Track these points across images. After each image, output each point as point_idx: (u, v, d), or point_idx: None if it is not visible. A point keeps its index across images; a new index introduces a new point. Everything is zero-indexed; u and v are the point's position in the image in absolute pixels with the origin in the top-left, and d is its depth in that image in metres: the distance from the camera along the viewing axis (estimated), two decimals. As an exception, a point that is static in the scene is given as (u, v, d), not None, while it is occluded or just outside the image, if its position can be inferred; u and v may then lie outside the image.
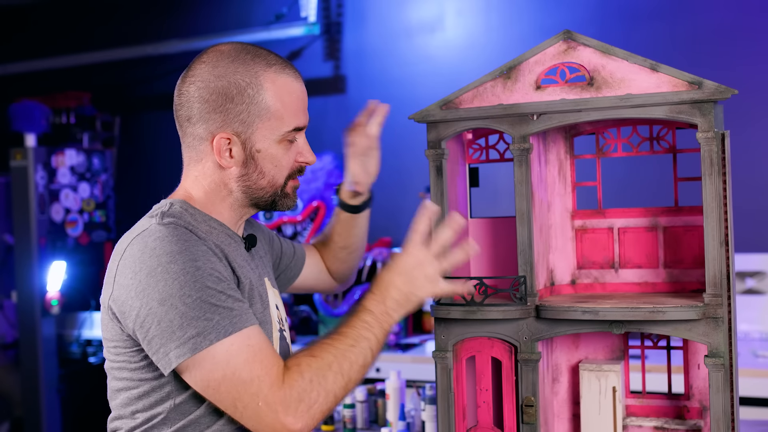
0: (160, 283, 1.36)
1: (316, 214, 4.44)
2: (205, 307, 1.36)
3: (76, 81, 5.28)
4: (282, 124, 1.52)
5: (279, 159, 1.54)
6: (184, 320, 1.35)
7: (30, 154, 4.43)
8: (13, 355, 4.76)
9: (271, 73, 1.52)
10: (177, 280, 1.36)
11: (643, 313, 1.57)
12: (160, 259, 1.38)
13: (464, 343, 1.72)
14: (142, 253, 1.40)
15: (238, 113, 1.49)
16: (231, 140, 1.50)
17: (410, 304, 1.53)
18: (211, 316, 1.36)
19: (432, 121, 1.73)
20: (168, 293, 1.36)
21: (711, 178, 1.56)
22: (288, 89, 1.53)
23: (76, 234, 4.66)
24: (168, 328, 1.36)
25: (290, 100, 1.53)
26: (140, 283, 1.38)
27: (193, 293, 1.36)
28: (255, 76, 1.50)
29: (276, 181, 1.55)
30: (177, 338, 1.35)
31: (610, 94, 1.61)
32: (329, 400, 1.40)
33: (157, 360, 1.39)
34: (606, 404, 1.74)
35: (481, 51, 4.36)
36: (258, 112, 1.50)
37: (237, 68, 1.50)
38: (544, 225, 1.80)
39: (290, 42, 4.77)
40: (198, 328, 1.35)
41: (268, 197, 1.56)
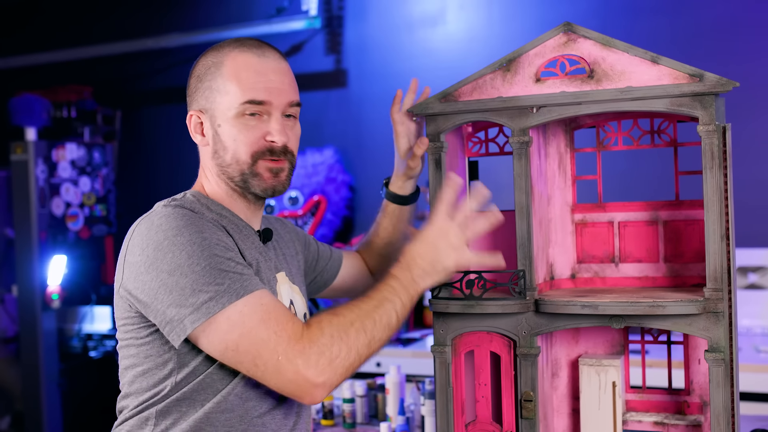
0: (168, 255, 1.40)
1: (317, 209, 4.44)
2: (214, 273, 1.39)
3: (77, 74, 5.28)
4: (236, 98, 1.53)
5: (237, 133, 1.54)
6: (195, 287, 1.38)
7: (30, 147, 4.42)
8: (13, 349, 4.76)
9: (235, 51, 1.57)
10: (184, 251, 1.40)
11: (643, 307, 1.56)
12: (166, 233, 1.42)
13: (463, 337, 1.71)
14: (148, 230, 1.44)
15: (204, 90, 1.57)
16: (200, 117, 1.58)
17: (437, 273, 1.55)
18: (221, 281, 1.39)
19: (431, 113, 1.72)
20: (177, 263, 1.39)
21: (712, 171, 1.54)
22: (246, 64, 1.55)
23: (76, 228, 4.65)
24: (180, 296, 1.39)
25: (247, 75, 1.54)
26: (148, 258, 1.42)
27: (201, 261, 1.39)
28: (222, 56, 1.57)
29: (238, 156, 1.55)
30: (190, 305, 1.38)
31: (611, 86, 1.59)
32: (351, 356, 1.42)
33: (171, 330, 1.41)
34: (606, 399, 1.73)
35: (482, 44, 4.35)
36: (218, 88, 1.55)
37: (213, 51, 1.59)
38: (544, 219, 1.79)
39: (291, 36, 4.76)
40: (210, 293, 1.38)
41: (237, 175, 1.56)
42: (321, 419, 2.69)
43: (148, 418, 1.50)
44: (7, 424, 4.73)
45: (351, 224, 4.65)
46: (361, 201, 4.65)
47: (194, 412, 1.48)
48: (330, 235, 4.49)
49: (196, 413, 1.48)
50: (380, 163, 4.63)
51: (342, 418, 2.66)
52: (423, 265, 1.54)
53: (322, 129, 4.67)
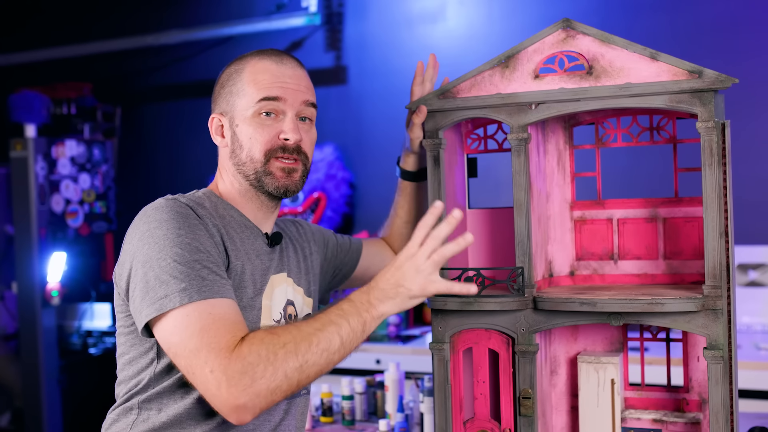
0: (145, 246, 1.45)
1: (317, 206, 4.43)
2: (176, 272, 1.42)
3: (76, 71, 5.27)
4: (251, 98, 1.61)
5: (253, 132, 1.61)
6: (157, 282, 1.42)
7: (30, 144, 4.41)
8: (13, 346, 4.76)
9: (256, 59, 1.65)
10: (158, 244, 1.44)
11: (642, 304, 1.56)
12: (150, 224, 1.48)
13: (461, 334, 1.71)
14: (140, 220, 1.51)
15: (225, 95, 1.65)
16: (221, 120, 1.66)
17: (400, 297, 1.49)
18: (179, 282, 1.41)
19: (429, 110, 1.71)
20: (149, 256, 1.44)
21: (711, 168, 1.54)
22: (265, 69, 1.63)
23: (76, 225, 4.65)
24: (144, 287, 1.43)
25: (264, 77, 1.62)
26: (132, 246, 1.48)
27: (168, 257, 1.43)
28: (244, 63, 1.66)
29: (253, 154, 1.61)
30: (149, 298, 1.42)
31: (610, 83, 1.59)
32: (277, 378, 1.37)
33: (135, 319, 1.47)
34: (604, 397, 1.73)
35: (482, 41, 4.34)
36: (237, 91, 1.63)
37: (236, 61, 1.69)
38: (543, 216, 1.78)
39: (291, 32, 4.75)
40: (167, 290, 1.41)
41: (251, 173, 1.63)
42: (320, 416, 2.68)
43: (132, 407, 1.55)
44: (7, 420, 4.73)
45: (351, 221, 4.64)
46: (360, 198, 4.65)
47: (174, 405, 1.51)
48: (330, 232, 4.48)
49: (177, 406, 1.51)
50: (380, 160, 4.64)
51: (341, 414, 2.65)
52: (385, 288, 1.49)
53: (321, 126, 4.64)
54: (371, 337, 3.97)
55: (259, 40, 4.77)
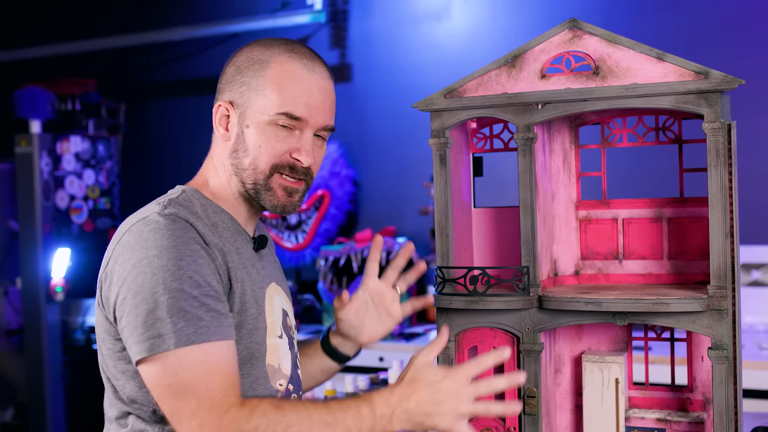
0: (140, 276, 1.34)
1: (321, 203, 4.44)
2: (173, 311, 1.32)
3: (81, 67, 5.28)
4: (274, 105, 1.47)
5: (264, 141, 1.47)
6: (149, 318, 1.32)
7: (35, 140, 4.42)
8: (17, 341, 4.77)
9: (285, 56, 1.49)
10: (155, 276, 1.33)
11: (647, 304, 1.56)
12: (148, 251, 1.35)
13: (466, 333, 1.72)
14: (135, 242, 1.38)
15: (241, 84, 1.49)
16: (228, 110, 1.50)
17: (420, 426, 1.37)
18: (176, 321, 1.32)
19: (436, 109, 1.72)
20: (143, 287, 1.33)
21: (716, 168, 1.54)
22: (295, 75, 1.48)
23: (80, 221, 4.66)
24: (134, 321, 1.34)
25: (292, 86, 1.48)
26: (124, 271, 1.37)
27: (166, 293, 1.32)
28: (269, 55, 1.50)
29: (258, 164, 1.48)
30: (139, 334, 1.33)
31: (616, 83, 1.59)
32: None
33: (127, 349, 1.38)
34: (608, 396, 1.74)
35: (487, 40, 4.34)
36: (256, 86, 1.48)
37: (261, 45, 1.52)
38: (548, 215, 1.79)
39: (296, 30, 4.75)
40: (160, 330, 1.32)
41: (250, 183, 1.50)
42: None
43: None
44: (10, 415, 4.74)
45: (355, 219, 4.65)
46: (364, 196, 4.65)
47: None
48: (334, 230, 4.49)
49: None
50: (384, 158, 4.65)
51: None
52: (411, 410, 1.36)
53: (326, 123, 4.67)
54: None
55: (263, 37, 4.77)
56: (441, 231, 1.72)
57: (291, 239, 4.49)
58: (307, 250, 4.48)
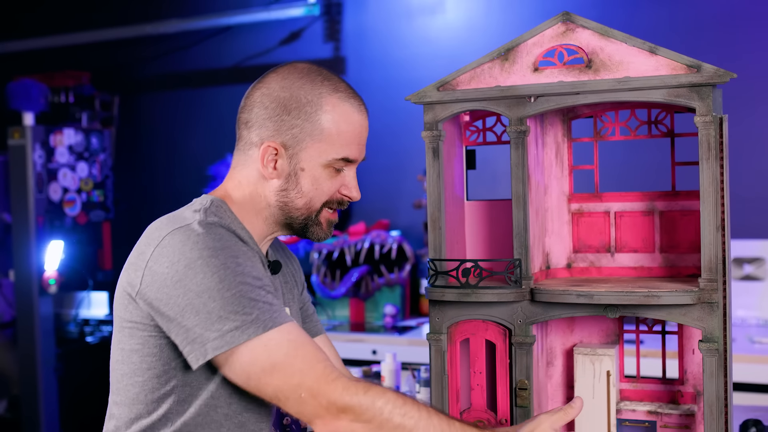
0: (199, 275, 1.36)
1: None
2: (244, 302, 1.36)
3: (75, 60, 5.26)
4: (332, 150, 1.52)
5: (321, 183, 1.53)
6: (222, 313, 1.35)
7: (28, 132, 4.41)
8: (10, 334, 4.76)
9: (335, 98, 1.52)
10: (216, 274, 1.36)
11: (638, 297, 1.57)
12: (201, 252, 1.38)
13: (459, 325, 1.72)
14: (183, 245, 1.39)
15: (292, 126, 1.51)
16: (278, 151, 1.52)
17: None
18: (250, 311, 1.36)
19: (429, 102, 1.72)
20: (207, 286, 1.36)
21: (708, 162, 1.55)
22: (348, 118, 1.53)
23: (74, 213, 4.65)
24: (206, 320, 1.36)
25: (347, 129, 1.53)
26: (177, 273, 1.38)
27: (232, 287, 1.36)
28: (318, 96, 1.51)
29: (313, 204, 1.54)
30: (216, 330, 1.35)
31: (609, 76, 1.60)
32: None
33: (191, 351, 1.38)
34: (600, 388, 1.74)
35: (481, 33, 4.34)
36: (311, 131, 1.51)
37: (303, 84, 1.52)
38: (541, 208, 1.79)
39: (290, 23, 4.75)
40: (237, 322, 1.35)
41: (302, 220, 1.55)
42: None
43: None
44: (3, 408, 4.74)
45: (348, 212, 4.65)
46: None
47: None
48: (327, 223, 4.49)
49: None
50: (378, 151, 4.64)
51: None
52: None
53: (320, 116, 4.66)
54: (368, 328, 3.98)
55: (257, 30, 4.77)
56: (434, 224, 1.72)
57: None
58: (301, 243, 4.48)
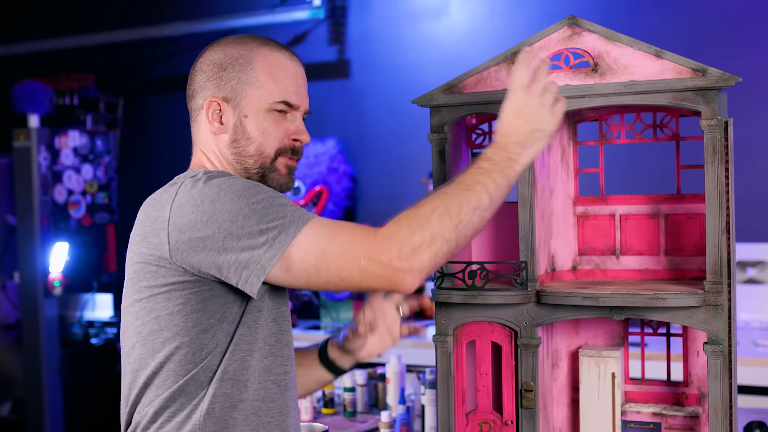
0: (227, 204, 1.41)
1: (319, 199, 4.45)
2: (275, 209, 1.42)
3: (79, 62, 5.28)
4: (270, 95, 1.58)
5: (266, 127, 1.58)
6: (261, 226, 1.40)
7: (33, 134, 4.42)
8: (15, 335, 4.77)
9: (265, 49, 1.61)
10: (242, 196, 1.42)
11: (643, 299, 1.57)
12: (220, 185, 1.44)
13: (464, 327, 1.73)
14: (201, 189, 1.44)
15: (229, 80, 1.58)
16: (221, 105, 1.59)
17: (537, 143, 1.50)
18: (284, 214, 1.41)
19: (435, 105, 1.73)
20: (238, 208, 1.41)
21: (713, 165, 1.56)
22: (280, 64, 1.60)
23: (78, 216, 4.66)
24: (249, 239, 1.40)
25: (281, 76, 1.59)
26: (205, 212, 1.42)
27: (260, 201, 1.42)
28: (249, 50, 1.60)
29: (263, 149, 1.59)
30: (262, 243, 1.40)
31: (614, 80, 1.61)
32: (437, 242, 1.39)
33: (247, 276, 1.41)
34: (605, 390, 1.75)
35: (486, 37, 4.35)
36: (247, 80, 1.58)
37: (234, 43, 1.61)
38: (546, 211, 1.80)
39: (295, 26, 4.76)
40: (277, 228, 1.40)
41: (257, 167, 1.59)
42: (322, 407, 2.71)
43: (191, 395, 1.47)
44: (8, 410, 4.75)
45: (352, 214, 4.66)
46: (362, 192, 4.66)
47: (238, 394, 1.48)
48: (331, 226, 4.50)
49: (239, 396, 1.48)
50: (382, 154, 4.65)
51: (342, 406, 2.67)
52: (520, 140, 1.48)
53: (324, 119, 4.68)
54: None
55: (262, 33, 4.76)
56: (440, 226, 1.72)
57: (289, 235, 4.50)
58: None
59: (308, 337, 3.86)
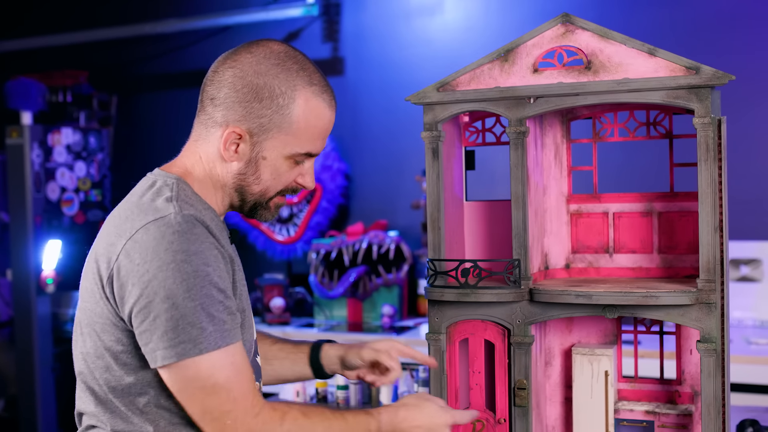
0: (169, 280, 1.35)
1: (312, 197, 4.44)
2: (202, 316, 1.35)
3: (73, 59, 5.26)
4: (297, 144, 1.50)
5: (280, 174, 1.52)
6: (179, 323, 1.35)
7: (26, 132, 4.41)
8: (7, 333, 4.76)
9: (309, 92, 1.49)
10: (186, 282, 1.35)
11: (637, 297, 1.57)
12: (175, 255, 1.36)
13: (458, 325, 1.73)
14: (157, 244, 1.37)
15: (260, 116, 1.47)
16: (242, 137, 1.49)
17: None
18: (206, 326, 1.35)
19: (428, 103, 1.72)
20: (174, 292, 1.35)
21: (706, 163, 1.56)
22: (318, 113, 1.51)
23: (71, 213, 4.65)
24: (163, 325, 1.35)
25: (316, 125, 1.51)
26: (147, 273, 1.36)
27: (197, 297, 1.35)
28: (292, 89, 1.48)
29: (268, 192, 1.53)
30: (168, 339, 1.35)
31: (608, 78, 1.60)
32: None
33: (146, 352, 1.39)
34: (598, 388, 1.75)
35: (480, 34, 4.35)
36: (280, 123, 1.48)
37: (279, 73, 1.48)
38: (539, 209, 1.80)
39: (288, 23, 4.75)
40: (191, 335, 1.35)
41: (252, 203, 1.54)
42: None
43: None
44: (1, 407, 4.74)
45: (346, 212, 4.65)
46: (356, 189, 4.66)
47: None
48: (325, 223, 4.50)
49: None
50: (376, 152, 4.65)
51: (336, 404, 2.67)
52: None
53: (318, 117, 4.67)
54: (365, 328, 3.98)
55: (256, 30, 4.77)
56: (433, 224, 1.73)
57: (282, 232, 4.50)
58: (299, 243, 4.48)
59: (302, 335, 3.85)
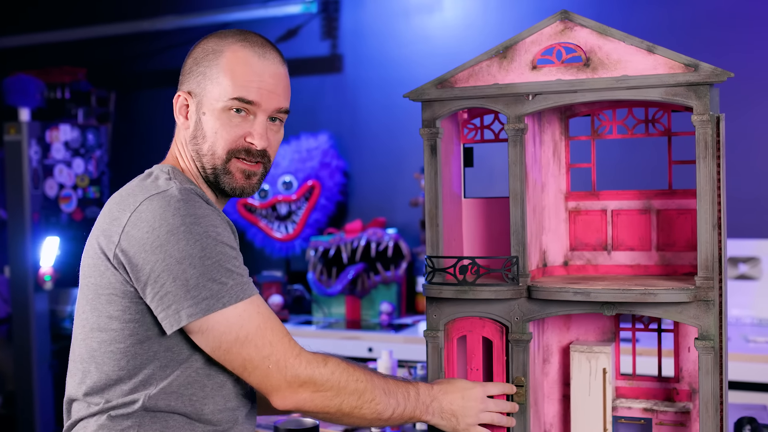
0: (182, 242, 1.38)
1: (311, 194, 4.44)
2: (221, 271, 1.40)
3: (71, 56, 5.25)
4: (227, 92, 1.52)
5: (219, 127, 1.53)
6: (200, 280, 1.38)
7: (24, 128, 4.40)
8: (5, 330, 4.76)
9: (238, 45, 1.55)
10: (199, 242, 1.39)
11: (635, 294, 1.57)
12: (183, 219, 1.40)
13: (456, 322, 1.72)
14: (164, 211, 1.41)
15: (197, 74, 1.56)
16: (187, 99, 1.57)
17: (446, 422, 1.61)
18: (226, 280, 1.40)
19: (427, 99, 1.72)
20: (188, 253, 1.38)
21: (705, 161, 1.55)
22: (246, 61, 1.54)
23: (69, 210, 4.64)
24: (183, 286, 1.38)
25: (242, 71, 1.53)
26: (158, 239, 1.39)
27: (212, 256, 1.39)
28: (222, 45, 1.56)
29: (215, 149, 1.54)
30: (191, 297, 1.38)
31: (606, 75, 1.60)
32: (333, 404, 1.48)
33: (165, 317, 1.40)
34: (596, 386, 1.75)
35: (479, 31, 4.34)
36: (211, 75, 1.54)
37: (218, 36, 1.59)
38: (538, 206, 1.80)
39: (287, 20, 4.74)
40: (213, 291, 1.39)
41: (210, 167, 1.55)
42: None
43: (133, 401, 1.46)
44: (-2, 404, 4.74)
45: (345, 209, 4.65)
46: (354, 187, 4.65)
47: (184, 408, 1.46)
48: (323, 220, 4.49)
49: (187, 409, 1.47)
50: (375, 149, 4.65)
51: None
52: (444, 408, 1.61)
53: (316, 114, 4.66)
54: (364, 325, 3.98)
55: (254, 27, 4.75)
56: (431, 221, 1.72)
57: (281, 229, 4.49)
58: (297, 240, 4.48)
59: (300, 332, 3.85)
